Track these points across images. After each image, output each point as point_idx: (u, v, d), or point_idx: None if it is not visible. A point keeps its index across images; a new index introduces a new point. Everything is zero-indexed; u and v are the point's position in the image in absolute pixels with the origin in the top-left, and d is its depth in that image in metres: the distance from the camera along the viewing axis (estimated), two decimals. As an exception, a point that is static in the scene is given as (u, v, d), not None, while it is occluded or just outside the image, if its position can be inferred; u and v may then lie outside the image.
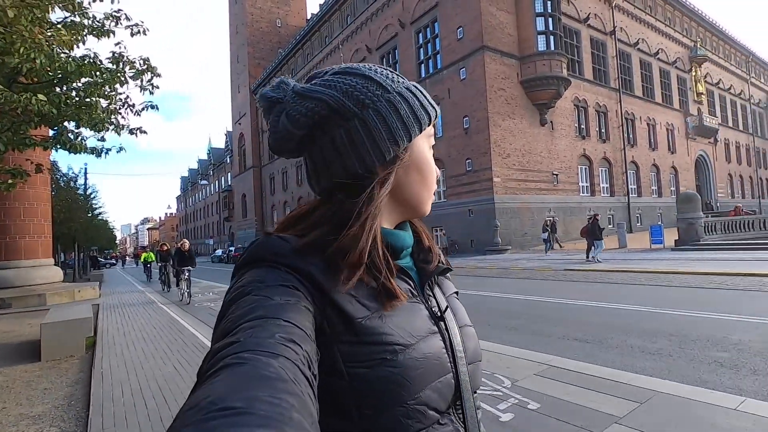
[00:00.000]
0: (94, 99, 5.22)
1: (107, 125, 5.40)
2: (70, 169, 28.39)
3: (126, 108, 5.66)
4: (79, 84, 5.22)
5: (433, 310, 0.57)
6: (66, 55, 4.76)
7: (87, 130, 5.46)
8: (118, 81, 5.32)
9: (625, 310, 6.31)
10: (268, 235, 0.54)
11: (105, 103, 5.47)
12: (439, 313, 0.57)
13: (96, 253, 41.90)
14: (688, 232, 15.96)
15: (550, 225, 18.79)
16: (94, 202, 27.62)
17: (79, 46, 4.90)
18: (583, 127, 26.15)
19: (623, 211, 27.56)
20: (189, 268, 10.61)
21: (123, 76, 5.35)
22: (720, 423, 2.52)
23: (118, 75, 5.30)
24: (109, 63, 5.23)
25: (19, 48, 3.91)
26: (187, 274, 10.52)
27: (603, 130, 27.50)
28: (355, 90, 0.54)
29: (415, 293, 0.57)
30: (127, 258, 70.88)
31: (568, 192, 24.60)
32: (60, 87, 5.17)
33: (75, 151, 5.42)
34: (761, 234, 19.29)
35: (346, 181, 0.55)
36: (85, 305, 7.87)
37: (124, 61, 5.32)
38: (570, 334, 5.16)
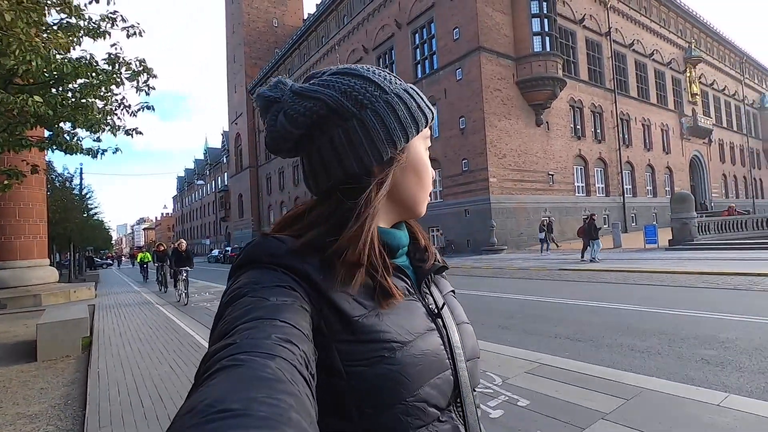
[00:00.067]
0: (90, 100, 5.24)
1: (103, 126, 5.40)
2: (66, 169, 28.31)
3: (122, 109, 5.67)
4: (75, 85, 5.23)
5: (430, 307, 0.57)
6: (62, 56, 4.77)
7: (83, 131, 5.48)
8: (114, 82, 5.33)
9: (617, 309, 6.40)
10: (265, 236, 0.54)
11: (101, 104, 5.47)
12: (436, 311, 0.57)
13: (92, 253, 41.69)
14: (682, 232, 16.11)
15: (547, 225, 18.91)
16: (89, 202, 27.56)
17: (75, 48, 4.91)
18: (578, 127, 26.31)
19: (618, 211, 27.74)
20: (187, 268, 10.45)
21: (119, 78, 5.36)
22: (703, 418, 2.59)
23: (114, 76, 5.31)
24: (105, 64, 5.24)
25: (15, 50, 3.93)
26: (184, 275, 10.37)
27: (598, 131, 27.68)
28: (353, 90, 0.54)
29: (412, 291, 0.57)
30: (123, 258, 70.61)
31: (564, 192, 24.74)
32: (56, 88, 5.18)
33: (71, 152, 5.43)
34: (754, 234, 19.47)
35: (344, 181, 0.55)
36: (81, 305, 7.88)
37: (120, 62, 5.32)
38: (562, 333, 5.23)
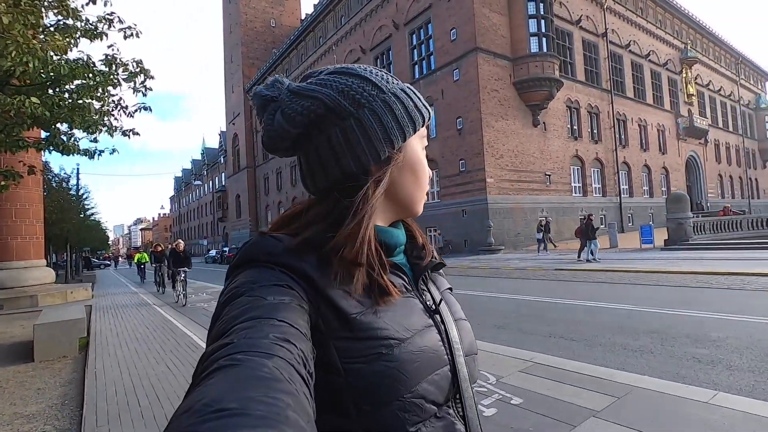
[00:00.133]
0: (86, 101, 5.25)
1: (100, 127, 5.41)
2: (63, 169, 28.17)
3: (119, 110, 5.69)
4: (72, 86, 5.24)
5: (427, 304, 0.58)
6: (59, 57, 4.79)
7: (80, 132, 5.48)
8: (111, 83, 5.35)
9: (612, 309, 6.45)
10: (262, 235, 0.54)
11: (98, 105, 5.49)
12: (433, 307, 0.58)
13: (88, 253, 41.56)
14: (678, 232, 16.20)
15: (545, 225, 19.00)
16: (86, 202, 27.47)
17: (72, 49, 4.92)
18: (575, 128, 26.41)
19: (615, 211, 27.87)
20: (185, 269, 10.36)
21: (116, 79, 5.38)
22: (692, 415, 2.64)
23: (111, 77, 5.33)
24: (102, 65, 5.26)
25: (12, 52, 3.94)
26: (183, 276, 10.26)
27: (595, 131, 27.78)
28: (350, 89, 0.54)
29: (410, 288, 0.57)
30: (120, 259, 70.38)
31: (561, 192, 24.83)
32: (53, 89, 5.19)
33: (68, 152, 5.44)
34: (749, 234, 19.60)
35: (341, 181, 0.55)
36: (78, 306, 7.89)
37: (117, 64, 5.34)
38: (557, 332, 5.28)
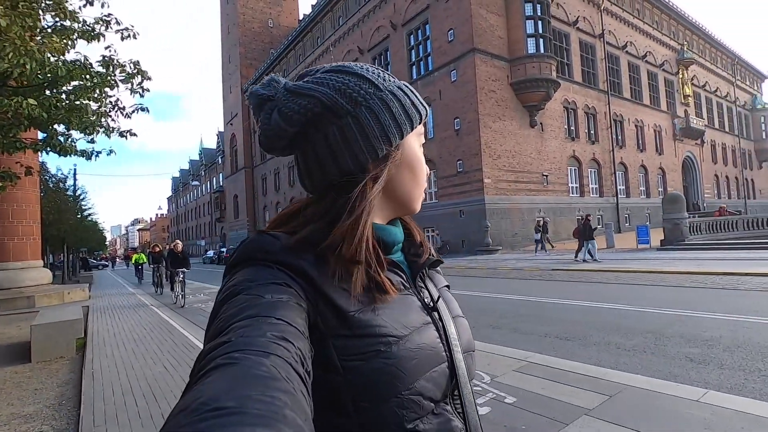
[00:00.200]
0: (84, 102, 5.26)
1: (97, 128, 5.43)
2: (59, 170, 28.06)
3: (116, 111, 5.70)
4: (69, 87, 5.26)
5: (425, 301, 0.58)
6: (56, 58, 4.80)
7: (77, 133, 5.49)
8: (108, 84, 5.36)
9: (607, 308, 6.50)
10: (260, 233, 0.54)
11: (95, 106, 5.50)
12: (431, 304, 0.58)
13: (86, 254, 41.46)
14: (674, 233, 16.30)
15: (542, 226, 19.07)
16: (83, 203, 27.44)
17: (70, 51, 4.94)
18: (572, 128, 26.53)
19: (612, 211, 27.98)
20: (184, 270, 10.27)
21: (113, 80, 5.40)
22: (682, 413, 2.68)
23: (108, 78, 5.34)
24: (99, 66, 5.28)
25: (9, 53, 3.96)
26: (182, 276, 10.17)
27: (592, 132, 27.90)
28: (347, 88, 0.54)
29: (407, 285, 0.57)
30: (117, 259, 70.16)
31: (558, 193, 24.93)
32: (50, 90, 5.20)
33: (65, 153, 5.45)
34: (745, 234, 19.73)
35: (339, 179, 0.55)
36: (75, 307, 7.89)
37: (114, 65, 5.36)
38: (552, 332, 5.32)
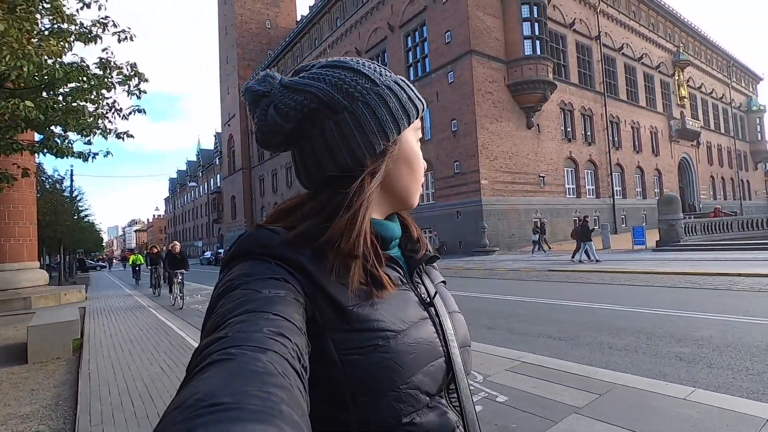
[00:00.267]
0: (81, 104, 5.30)
1: (94, 130, 5.46)
2: (56, 171, 28.07)
3: (113, 112, 5.74)
4: (66, 89, 5.29)
5: (422, 296, 0.58)
6: (53, 60, 4.83)
7: (74, 135, 5.52)
8: (105, 86, 5.40)
9: (601, 309, 6.56)
10: (258, 228, 0.54)
11: (92, 107, 5.54)
12: (428, 299, 0.58)
13: (83, 255, 41.32)
14: (669, 233, 16.40)
15: (540, 226, 19.15)
16: (80, 204, 27.35)
17: (67, 53, 4.97)
18: (569, 129, 26.64)
19: (608, 212, 28.11)
20: (182, 271, 10.22)
21: (110, 82, 5.44)
22: (669, 411, 2.73)
23: (105, 80, 5.38)
24: (96, 68, 5.31)
25: (6, 56, 3.99)
26: (180, 278, 10.10)
27: (588, 133, 28.04)
28: (344, 83, 0.53)
29: (405, 281, 0.58)
30: (114, 260, 69.93)
31: (555, 194, 25.03)
32: (47, 92, 5.24)
33: (62, 155, 5.48)
34: (740, 235, 19.88)
35: (336, 174, 0.54)
36: (72, 308, 7.91)
37: (111, 67, 5.40)
38: (546, 332, 5.37)
